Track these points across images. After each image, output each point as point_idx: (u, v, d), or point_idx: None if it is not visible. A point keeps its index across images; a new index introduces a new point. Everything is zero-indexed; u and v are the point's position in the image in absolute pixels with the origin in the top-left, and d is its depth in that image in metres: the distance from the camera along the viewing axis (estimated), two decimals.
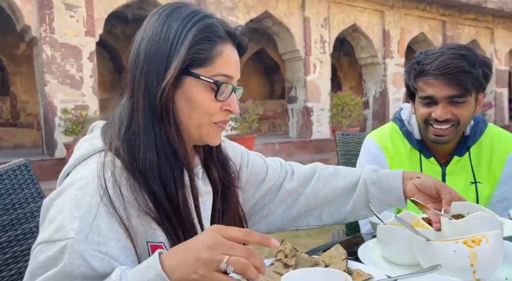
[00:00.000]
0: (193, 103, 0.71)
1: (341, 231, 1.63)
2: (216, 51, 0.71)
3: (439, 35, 9.61)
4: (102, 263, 0.61)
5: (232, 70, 0.74)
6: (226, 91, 0.73)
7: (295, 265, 0.81)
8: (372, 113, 9.10)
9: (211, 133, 0.75)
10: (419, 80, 1.21)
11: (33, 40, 5.56)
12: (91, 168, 0.67)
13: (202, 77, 0.70)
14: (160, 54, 0.69)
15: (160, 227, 0.68)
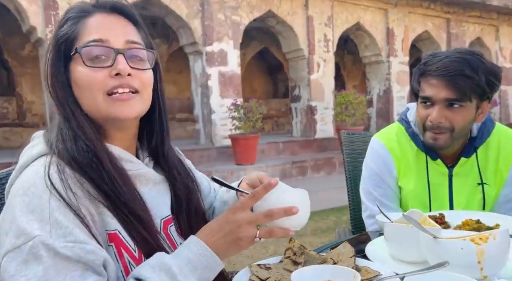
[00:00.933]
0: (78, 83, 0.71)
1: (347, 230, 1.64)
2: (80, 26, 0.72)
3: (443, 33, 9.56)
4: (74, 250, 0.61)
5: (102, 34, 0.71)
6: (106, 56, 0.70)
7: (304, 262, 0.82)
8: (376, 111, 9.08)
9: (111, 106, 0.71)
10: (421, 80, 1.22)
11: (39, 41, 5.60)
12: (31, 171, 0.67)
13: (72, 52, 0.71)
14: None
15: (111, 214, 0.69)
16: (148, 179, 0.78)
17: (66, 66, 0.72)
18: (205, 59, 6.57)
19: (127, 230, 0.69)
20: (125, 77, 0.71)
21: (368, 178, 1.40)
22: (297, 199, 0.74)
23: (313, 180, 6.43)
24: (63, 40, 0.72)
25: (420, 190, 1.32)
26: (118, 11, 0.75)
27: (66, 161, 0.68)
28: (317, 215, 4.29)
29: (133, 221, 0.70)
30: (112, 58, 0.70)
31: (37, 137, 0.77)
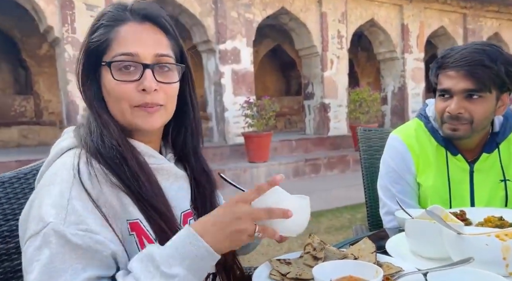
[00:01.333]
0: (107, 92, 0.73)
1: (364, 227, 1.63)
2: (111, 35, 0.72)
3: (459, 29, 9.39)
4: (84, 239, 0.63)
5: (132, 47, 0.71)
6: (135, 69, 0.71)
7: (324, 258, 0.82)
8: (391, 109, 8.98)
9: (137, 117, 0.73)
10: (439, 74, 1.21)
11: (56, 40, 5.69)
12: (59, 162, 0.71)
13: (103, 63, 0.72)
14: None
15: (133, 203, 0.71)
16: (170, 173, 0.80)
17: (97, 71, 0.74)
18: (218, 57, 6.59)
19: (148, 221, 0.71)
20: (151, 93, 0.72)
21: (386, 175, 1.39)
22: (297, 205, 0.71)
23: (326, 178, 6.40)
24: (95, 46, 0.73)
25: (439, 187, 1.30)
26: (151, 20, 0.74)
27: (93, 155, 0.70)
28: (331, 213, 4.27)
29: (154, 214, 0.72)
30: (140, 72, 0.72)
31: (67, 132, 0.79)
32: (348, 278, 0.70)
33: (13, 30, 7.86)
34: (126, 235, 0.70)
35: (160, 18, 0.75)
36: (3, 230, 0.82)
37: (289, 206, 0.70)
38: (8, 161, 5.25)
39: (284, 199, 0.71)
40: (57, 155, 0.73)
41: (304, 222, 0.74)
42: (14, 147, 7.77)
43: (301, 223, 0.73)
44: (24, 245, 0.65)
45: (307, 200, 0.74)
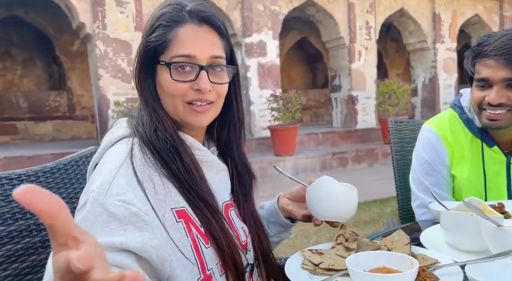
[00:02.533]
0: (163, 88, 0.77)
1: (395, 220, 1.60)
2: (171, 35, 0.75)
3: (495, 17, 8.98)
4: (120, 209, 0.65)
5: (191, 49, 0.75)
6: (192, 70, 0.75)
7: (357, 249, 0.82)
8: (421, 100, 8.73)
9: (188, 115, 0.77)
10: (476, 62, 1.17)
11: (87, 36, 5.86)
12: (113, 149, 0.75)
13: (161, 62, 0.76)
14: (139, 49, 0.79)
15: (179, 192, 0.73)
16: (213, 165, 0.83)
17: (153, 68, 0.78)
18: (244, 51, 6.60)
19: (193, 209, 0.74)
20: (205, 93, 0.77)
21: (419, 167, 1.36)
22: (344, 192, 0.83)
23: (354, 172, 6.32)
24: (153, 45, 0.76)
25: (474, 179, 1.27)
26: (208, 22, 0.78)
27: (145, 143, 0.75)
28: (359, 206, 4.14)
29: (200, 203, 0.75)
30: (196, 73, 0.76)
31: (120, 122, 0.84)
32: (382, 269, 0.70)
33: (47, 28, 8.14)
34: (172, 223, 0.72)
35: (216, 20, 0.79)
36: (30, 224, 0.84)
37: (340, 193, 0.82)
38: (44, 154, 5.48)
39: (334, 186, 0.82)
40: (110, 143, 0.77)
41: (350, 209, 0.84)
42: (49, 141, 8.10)
43: (348, 210, 0.83)
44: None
45: (355, 190, 0.84)
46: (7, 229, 0.79)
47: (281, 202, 0.96)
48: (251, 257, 0.84)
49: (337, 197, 0.82)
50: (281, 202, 0.96)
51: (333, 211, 0.83)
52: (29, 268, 0.82)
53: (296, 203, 0.94)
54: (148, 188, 0.70)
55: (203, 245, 0.74)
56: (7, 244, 0.79)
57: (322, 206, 0.83)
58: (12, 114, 8.12)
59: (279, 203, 0.96)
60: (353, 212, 0.84)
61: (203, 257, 0.73)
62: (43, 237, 0.85)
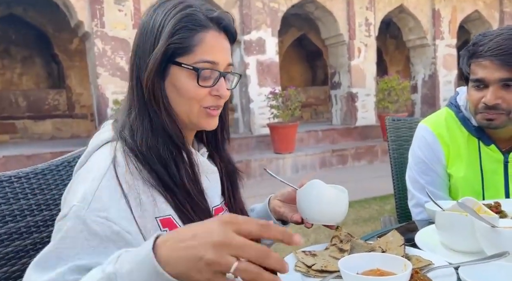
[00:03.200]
0: (179, 91, 0.75)
1: (392, 218, 1.60)
2: (196, 39, 0.74)
3: (495, 13, 8.93)
4: (102, 227, 0.64)
5: (216, 56, 0.75)
6: (212, 76, 0.76)
7: (350, 250, 0.81)
8: (421, 97, 8.70)
9: (202, 118, 0.78)
10: (472, 63, 1.15)
11: (86, 34, 5.84)
12: (98, 154, 0.73)
13: (183, 64, 0.74)
14: (146, 46, 0.75)
15: (166, 201, 0.72)
16: (203, 168, 0.82)
17: (166, 67, 0.75)
18: (243, 48, 6.58)
19: (181, 218, 0.72)
20: (224, 99, 0.79)
21: (414, 165, 1.35)
22: (335, 195, 0.83)
23: (354, 169, 6.31)
24: (176, 47, 0.74)
25: (471, 178, 1.26)
26: (226, 31, 0.79)
27: (131, 150, 0.73)
28: (358, 204, 4.22)
29: (189, 210, 0.73)
30: (216, 78, 0.76)
31: (107, 124, 0.82)
32: (375, 271, 0.69)
33: (45, 26, 8.12)
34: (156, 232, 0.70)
35: (233, 29, 0.81)
36: (37, 220, 0.85)
37: (330, 196, 0.82)
38: (43, 153, 5.48)
39: (324, 189, 0.83)
40: (96, 147, 0.76)
41: (341, 212, 0.84)
42: (48, 140, 8.09)
43: (338, 213, 0.84)
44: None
45: (345, 193, 0.84)
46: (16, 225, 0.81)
47: (273, 204, 0.95)
48: None
49: (328, 200, 0.83)
50: (273, 204, 0.95)
51: (323, 215, 0.84)
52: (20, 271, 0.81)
53: (287, 205, 0.93)
54: (131, 199, 0.69)
55: None
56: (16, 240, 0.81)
57: (312, 210, 0.84)
58: (11, 112, 8.11)
59: (270, 205, 0.96)
60: (343, 215, 0.85)
61: None
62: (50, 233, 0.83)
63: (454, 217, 0.79)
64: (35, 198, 0.86)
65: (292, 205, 0.92)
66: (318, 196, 0.82)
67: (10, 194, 0.81)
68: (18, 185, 0.83)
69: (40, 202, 0.87)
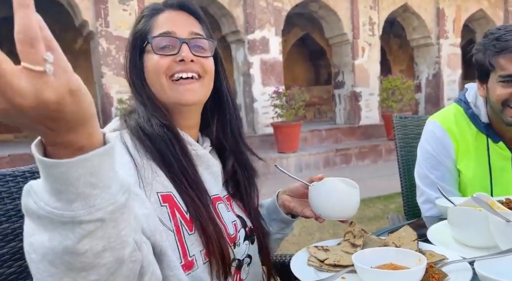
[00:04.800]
0: (149, 70, 0.81)
1: (400, 216, 1.59)
2: (152, 22, 0.83)
3: (500, 11, 8.90)
4: None
5: (169, 27, 0.81)
6: (172, 45, 0.80)
7: (363, 245, 0.81)
8: (425, 96, 8.68)
9: (174, 90, 0.80)
10: (501, 57, 1.12)
11: (90, 34, 5.86)
12: None
13: (144, 45, 0.81)
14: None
15: (167, 177, 0.75)
16: (203, 160, 0.84)
17: (141, 58, 0.83)
18: (247, 47, 6.58)
19: (181, 195, 0.75)
20: (188, 63, 0.80)
21: (424, 161, 1.35)
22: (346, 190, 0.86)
23: (358, 168, 6.30)
24: (139, 35, 0.83)
25: (480, 174, 1.25)
26: (184, 8, 0.85)
27: (135, 132, 0.78)
28: (363, 203, 4.21)
29: (188, 188, 0.76)
30: (178, 47, 0.80)
31: (115, 118, 0.86)
32: (389, 266, 0.69)
33: (49, 26, 7.99)
34: (156, 206, 0.73)
35: (191, 6, 0.86)
36: None
37: (343, 192, 0.85)
38: None
39: (337, 185, 0.85)
40: None
41: (353, 207, 0.86)
42: None
43: (351, 208, 0.86)
44: None
45: (357, 188, 0.86)
46: (11, 226, 0.79)
47: (282, 198, 0.97)
48: (239, 253, 0.84)
49: (340, 196, 0.85)
50: (282, 199, 0.97)
51: (336, 210, 0.86)
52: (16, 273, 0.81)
53: (297, 200, 0.95)
54: (139, 166, 0.73)
55: (186, 231, 0.74)
56: (12, 241, 0.79)
57: (325, 205, 0.86)
58: None
59: (279, 200, 0.97)
60: (355, 210, 0.87)
61: (185, 243, 0.74)
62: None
63: (468, 212, 0.79)
64: None
65: (301, 200, 0.94)
66: (331, 192, 0.85)
67: (4, 194, 0.80)
68: (13, 185, 0.82)
69: None
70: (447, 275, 0.67)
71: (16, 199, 0.81)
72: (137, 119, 0.79)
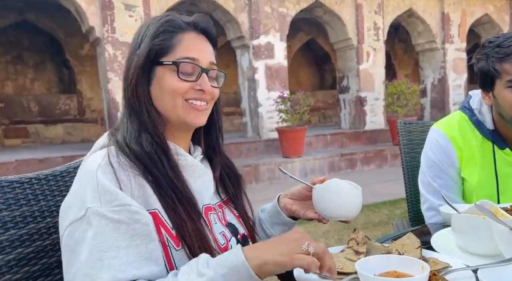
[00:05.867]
0: (163, 87, 0.81)
1: (405, 222, 1.59)
2: (176, 40, 0.81)
3: (505, 16, 8.86)
4: (121, 214, 0.69)
5: (195, 53, 0.81)
6: (193, 72, 0.81)
7: (367, 252, 0.81)
8: (431, 101, 8.64)
9: (187, 112, 0.81)
10: (507, 63, 1.11)
11: (97, 40, 5.92)
12: (92, 155, 0.79)
13: (165, 62, 0.80)
14: (132, 52, 0.83)
15: (154, 193, 0.75)
16: (195, 170, 0.85)
17: (151, 69, 0.82)
18: (252, 53, 6.61)
19: (167, 211, 0.76)
20: (204, 93, 0.83)
21: (427, 169, 1.35)
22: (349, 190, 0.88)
23: (363, 173, 6.28)
24: (158, 48, 0.81)
25: (486, 181, 1.25)
26: (206, 34, 0.86)
27: (121, 148, 0.78)
28: (368, 208, 4.19)
29: (177, 203, 0.76)
30: (197, 74, 0.82)
31: (104, 134, 0.87)
32: (392, 273, 0.69)
33: (57, 32, 8.25)
34: None
35: (213, 33, 0.87)
36: (40, 227, 0.84)
37: (348, 191, 0.87)
38: (54, 157, 5.54)
39: (342, 185, 0.87)
40: (92, 152, 0.81)
41: (357, 207, 0.88)
42: (59, 144, 8.19)
43: (355, 207, 0.88)
44: (65, 231, 0.71)
45: (359, 190, 0.88)
46: (18, 232, 0.80)
47: (284, 202, 0.97)
48: None
49: (345, 195, 0.87)
50: (284, 202, 0.97)
51: (340, 210, 0.87)
52: (40, 271, 0.82)
53: (299, 202, 0.96)
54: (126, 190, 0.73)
55: (173, 247, 0.75)
56: (18, 247, 0.79)
57: (330, 205, 0.87)
58: (24, 117, 8.23)
59: (281, 203, 0.98)
60: (359, 210, 0.89)
61: (172, 259, 0.75)
62: (53, 240, 0.85)
63: (471, 219, 0.79)
64: (38, 204, 0.85)
65: (303, 203, 0.95)
66: (335, 192, 0.86)
67: (11, 200, 0.81)
68: (20, 191, 0.82)
69: (43, 208, 0.86)
70: None
71: (23, 206, 0.82)
72: (124, 134, 0.80)
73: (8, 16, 7.52)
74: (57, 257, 0.85)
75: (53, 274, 0.85)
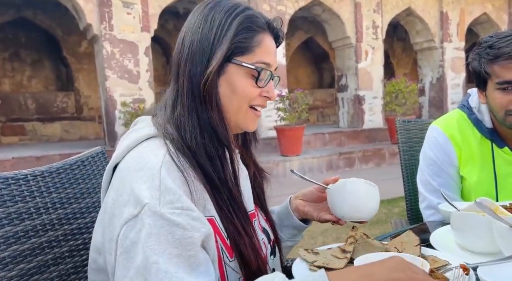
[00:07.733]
0: (235, 89, 0.75)
1: (403, 220, 1.58)
2: (256, 40, 0.76)
3: (504, 15, 8.88)
4: (181, 217, 0.62)
5: (271, 58, 0.78)
6: (265, 77, 0.77)
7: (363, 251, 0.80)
8: (429, 100, 8.66)
9: (248, 118, 0.79)
10: (496, 65, 1.12)
11: (94, 37, 5.90)
12: (143, 149, 0.71)
13: (244, 64, 0.75)
14: (204, 44, 0.74)
15: (211, 200, 0.71)
16: (241, 174, 0.81)
17: (223, 66, 0.75)
18: None
19: (223, 220, 0.71)
20: (272, 100, 0.81)
21: (426, 167, 1.34)
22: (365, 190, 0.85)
23: (361, 172, 6.28)
24: (237, 46, 0.75)
25: (485, 180, 1.24)
26: (277, 39, 0.82)
27: (179, 148, 0.71)
28: None
29: (233, 214, 0.72)
30: (267, 79, 0.78)
31: (142, 121, 0.80)
32: None
33: (55, 29, 8.21)
34: None
35: (283, 38, 0.84)
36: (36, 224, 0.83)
37: (367, 191, 0.85)
38: (52, 155, 5.53)
39: (360, 185, 0.85)
40: (136, 142, 0.73)
41: (375, 207, 0.86)
42: (56, 142, 8.16)
43: (373, 207, 0.85)
44: (120, 230, 0.64)
45: (376, 189, 0.86)
46: (13, 229, 0.79)
47: (295, 203, 0.94)
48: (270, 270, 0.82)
49: (363, 196, 0.85)
50: (296, 204, 0.94)
51: (360, 211, 0.85)
52: (36, 268, 0.81)
53: (311, 204, 0.93)
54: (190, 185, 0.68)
55: (226, 257, 0.71)
56: (13, 244, 0.78)
57: (348, 207, 0.85)
58: (21, 115, 8.20)
59: (292, 205, 0.95)
60: (377, 209, 0.87)
61: (224, 269, 0.71)
62: (49, 238, 0.85)
63: (471, 217, 0.78)
64: (33, 201, 0.84)
65: (316, 204, 0.92)
66: (353, 193, 0.84)
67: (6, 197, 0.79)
68: (15, 188, 0.81)
69: (39, 205, 0.84)
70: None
71: (18, 202, 0.81)
72: (180, 129, 0.72)
73: (6, 13, 7.48)
74: (52, 255, 0.84)
75: (48, 271, 0.84)
